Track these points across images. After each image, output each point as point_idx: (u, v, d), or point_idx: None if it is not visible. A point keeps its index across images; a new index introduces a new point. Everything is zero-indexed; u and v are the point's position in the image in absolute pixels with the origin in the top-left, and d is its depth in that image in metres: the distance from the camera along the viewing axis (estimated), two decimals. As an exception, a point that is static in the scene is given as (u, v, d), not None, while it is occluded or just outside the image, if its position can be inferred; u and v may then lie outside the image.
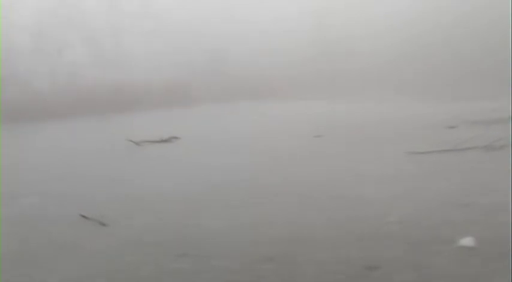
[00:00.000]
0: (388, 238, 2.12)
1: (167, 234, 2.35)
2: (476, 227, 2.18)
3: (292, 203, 2.73)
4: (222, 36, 8.35)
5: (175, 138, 4.77)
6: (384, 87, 7.59)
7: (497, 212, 2.38)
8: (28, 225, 2.64)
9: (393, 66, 8.46)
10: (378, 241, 2.09)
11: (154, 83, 7.62)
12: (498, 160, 3.49)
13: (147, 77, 7.66)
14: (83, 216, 2.65)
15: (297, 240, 2.16)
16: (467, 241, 2.00)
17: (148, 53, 7.83)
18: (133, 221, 2.59)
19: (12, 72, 7.00)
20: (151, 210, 2.77)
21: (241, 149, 4.37)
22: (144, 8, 7.88)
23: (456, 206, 2.51)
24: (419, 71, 8.30)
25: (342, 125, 5.16)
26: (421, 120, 5.26)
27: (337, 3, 8.82)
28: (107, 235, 2.39)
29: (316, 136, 4.63)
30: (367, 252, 1.97)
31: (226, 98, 7.38)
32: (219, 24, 8.34)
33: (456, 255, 1.89)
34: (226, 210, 2.67)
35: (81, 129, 5.99)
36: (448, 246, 1.99)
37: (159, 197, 3.02)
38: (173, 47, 7.98)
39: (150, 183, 3.38)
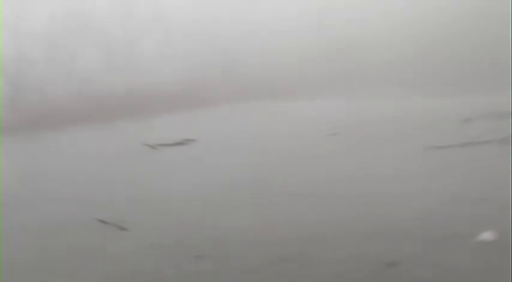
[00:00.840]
0: (406, 234, 2.11)
1: (185, 236, 2.36)
2: (494, 222, 2.17)
3: (309, 202, 2.73)
4: (234, 37, 8.36)
5: (191, 140, 4.79)
6: (395, 84, 7.57)
7: (516, 205, 2.37)
8: (47, 231, 2.65)
9: (403, 62, 8.43)
10: (397, 238, 2.08)
11: (167, 86, 7.64)
12: (515, 153, 3.47)
13: (160, 80, 7.68)
14: (102, 221, 2.67)
15: (315, 239, 2.16)
16: (487, 235, 1.99)
17: (161, 56, 7.85)
18: (152, 224, 2.60)
19: (27, 81, 7.05)
20: (169, 212, 2.78)
21: (256, 149, 4.37)
22: (156, 11, 7.91)
23: (474, 201, 2.50)
24: (429, 66, 8.26)
25: (356, 123, 5.15)
26: (435, 114, 5.24)
27: (346, 1, 8.80)
28: (126, 239, 2.40)
29: (331, 134, 4.62)
30: (386, 249, 1.97)
31: (240, 99, 7.38)
32: (230, 25, 8.35)
33: (475, 250, 1.88)
34: (243, 211, 2.67)
35: (97, 134, 6.02)
36: (467, 241, 1.98)
37: (177, 199, 3.03)
38: (185, 49, 8.00)
39: (167, 185, 3.39)
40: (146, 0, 7.92)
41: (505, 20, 7.98)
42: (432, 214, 2.35)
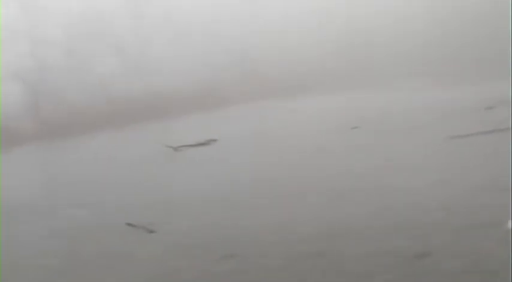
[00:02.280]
0: (434, 225, 2.11)
1: (212, 236, 2.37)
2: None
3: (333, 197, 2.73)
4: (249, 35, 8.35)
5: (213, 140, 4.80)
6: (413, 74, 7.52)
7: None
8: (76, 236, 2.68)
9: (420, 52, 8.37)
10: (425, 229, 2.08)
11: (186, 87, 7.66)
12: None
13: (178, 82, 7.70)
14: (130, 225, 2.69)
15: (341, 234, 2.16)
16: (514, 223, 1.98)
17: (178, 58, 7.87)
18: (178, 225, 2.62)
19: (47, 89, 7.11)
20: (195, 213, 2.79)
21: (278, 146, 4.38)
22: (169, 13, 7.93)
23: (498, 189, 2.48)
24: (446, 55, 8.20)
25: (376, 116, 5.14)
26: (455, 104, 5.20)
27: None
28: (154, 241, 2.42)
29: (351, 128, 4.61)
30: (415, 241, 1.96)
31: (260, 97, 7.38)
32: (244, 23, 8.35)
33: (502, 238, 1.87)
34: (268, 209, 2.68)
35: (118, 139, 6.06)
36: (494, 230, 1.97)
37: (201, 199, 3.05)
38: (201, 49, 8.01)
39: (192, 186, 3.41)
40: (159, 2, 7.94)
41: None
42: (457, 204, 2.34)
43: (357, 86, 7.19)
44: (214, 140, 4.81)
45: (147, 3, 7.87)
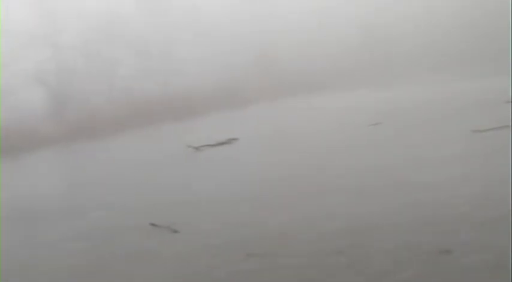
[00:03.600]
0: (458, 221, 2.10)
1: (235, 235, 2.38)
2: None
3: (355, 194, 2.73)
4: (268, 34, 8.35)
5: (233, 139, 4.81)
6: (432, 69, 7.47)
7: None
8: (101, 237, 2.71)
9: (437, 47, 8.32)
10: (449, 224, 2.07)
11: (206, 87, 7.68)
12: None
13: (198, 82, 7.72)
14: (154, 225, 2.71)
15: (365, 230, 2.16)
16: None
17: (198, 58, 7.89)
18: (201, 225, 2.63)
19: (69, 92, 7.17)
20: (218, 212, 2.80)
21: (299, 144, 4.38)
22: (188, 14, 7.96)
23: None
24: (464, 48, 8.14)
25: (396, 111, 5.11)
26: (475, 97, 5.16)
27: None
28: (178, 241, 2.44)
29: (372, 124, 4.60)
30: (439, 237, 1.96)
31: (279, 95, 7.38)
32: (263, 22, 8.35)
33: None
34: (291, 207, 2.68)
35: (140, 140, 6.10)
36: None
37: (224, 199, 3.06)
38: (221, 49, 8.03)
39: (214, 186, 3.42)
40: (179, 3, 7.97)
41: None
42: (481, 198, 2.33)
43: (376, 82, 7.16)
44: (235, 139, 4.82)
45: (167, 5, 7.90)
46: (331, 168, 3.39)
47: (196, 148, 4.65)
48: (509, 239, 1.83)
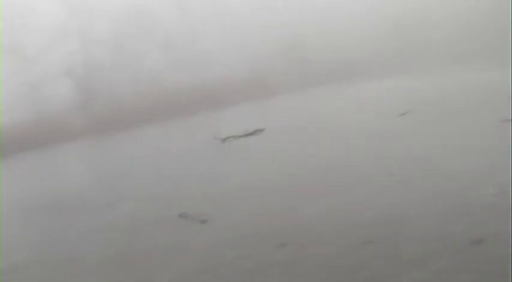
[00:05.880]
0: (490, 210, 2.07)
1: (264, 225, 2.38)
2: None
3: (386, 183, 2.71)
4: (295, 23, 8.32)
5: (260, 130, 4.81)
6: (460, 58, 7.39)
7: None
8: (130, 229, 2.73)
9: (469, 35, 8.22)
10: (481, 214, 2.05)
11: (234, 78, 7.69)
12: None
13: (226, 73, 7.73)
14: (182, 216, 2.72)
15: (396, 220, 2.14)
16: None
17: (225, 49, 7.90)
18: (230, 215, 2.64)
19: (97, 85, 7.23)
20: (246, 203, 2.81)
21: (328, 135, 4.36)
22: (216, 4, 7.96)
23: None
24: (492, 37, 8.03)
25: (426, 100, 5.07)
26: (505, 86, 5.09)
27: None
28: (207, 232, 2.44)
29: (402, 113, 4.57)
30: (471, 227, 1.94)
31: (307, 85, 7.36)
32: (290, 12, 8.32)
33: None
34: (320, 197, 2.68)
35: (168, 131, 6.13)
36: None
37: (253, 189, 3.06)
38: (249, 39, 8.02)
39: (243, 177, 3.43)
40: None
41: None
42: (510, 188, 2.30)
43: (404, 71, 7.10)
44: (261, 130, 4.82)
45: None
46: (360, 159, 3.37)
47: (223, 139, 4.66)
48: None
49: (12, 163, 5.87)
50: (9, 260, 2.56)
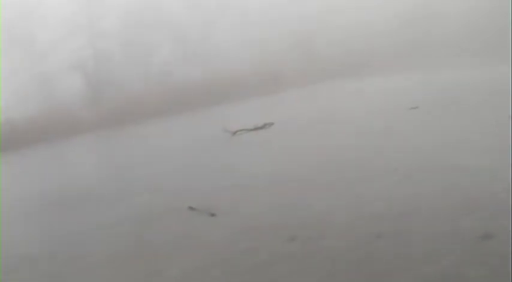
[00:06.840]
0: (500, 206, 2.07)
1: (274, 218, 2.39)
2: None
3: (397, 178, 2.71)
4: (306, 18, 8.31)
5: (270, 124, 4.81)
6: (470, 52, 7.35)
7: None
8: (142, 221, 2.74)
9: (479, 30, 8.18)
10: (490, 210, 2.05)
11: (245, 72, 7.69)
12: None
13: (237, 67, 7.73)
14: (192, 209, 2.73)
15: (407, 214, 2.14)
16: None
17: (236, 43, 7.89)
18: (240, 208, 2.65)
19: (107, 79, 7.24)
20: (256, 196, 2.81)
21: (338, 128, 4.36)
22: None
23: None
24: (504, 31, 7.98)
25: (435, 95, 5.06)
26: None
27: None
28: (217, 225, 2.45)
29: (411, 108, 4.56)
30: (480, 222, 1.94)
31: (318, 79, 7.35)
32: (300, 6, 8.31)
33: None
34: (330, 190, 2.68)
35: (178, 125, 6.14)
36: None
37: (262, 183, 3.06)
38: (259, 33, 8.01)
39: (251, 170, 3.43)
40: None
41: None
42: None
43: (415, 65, 7.08)
44: (271, 124, 4.82)
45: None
46: (370, 152, 3.37)
47: (233, 133, 4.66)
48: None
49: (21, 157, 5.90)
50: (21, 253, 2.58)
